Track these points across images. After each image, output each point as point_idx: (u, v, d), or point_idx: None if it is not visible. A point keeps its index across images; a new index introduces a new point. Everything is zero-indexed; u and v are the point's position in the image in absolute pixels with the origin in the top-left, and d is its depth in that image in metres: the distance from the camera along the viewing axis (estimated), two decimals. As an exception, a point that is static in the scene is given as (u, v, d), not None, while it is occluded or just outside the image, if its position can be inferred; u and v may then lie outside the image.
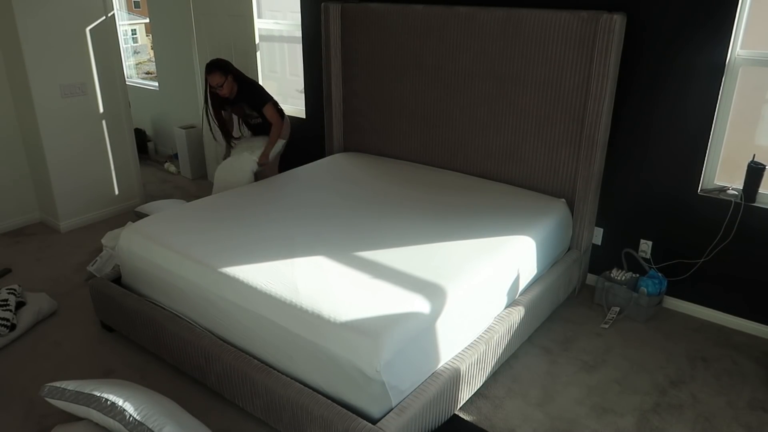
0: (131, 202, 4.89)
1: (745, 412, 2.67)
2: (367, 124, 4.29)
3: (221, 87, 3.93)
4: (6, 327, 3.06)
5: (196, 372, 2.68)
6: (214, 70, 3.91)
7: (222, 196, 3.52)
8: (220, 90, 3.95)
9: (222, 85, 3.92)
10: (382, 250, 2.75)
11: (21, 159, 4.45)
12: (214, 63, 3.94)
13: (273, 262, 2.62)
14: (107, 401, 2.13)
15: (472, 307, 2.56)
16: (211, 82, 3.93)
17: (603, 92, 3.12)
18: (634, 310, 3.35)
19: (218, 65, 3.93)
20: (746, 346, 3.15)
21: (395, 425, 2.11)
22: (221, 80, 3.91)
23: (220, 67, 3.92)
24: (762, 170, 3.01)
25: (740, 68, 3.00)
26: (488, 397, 2.73)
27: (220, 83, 3.91)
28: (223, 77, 3.91)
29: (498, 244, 2.86)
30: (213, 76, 3.91)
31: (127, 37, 12.82)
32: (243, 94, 4.06)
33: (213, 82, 3.92)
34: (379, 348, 2.10)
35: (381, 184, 3.68)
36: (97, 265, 3.70)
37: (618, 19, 2.98)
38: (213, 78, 3.91)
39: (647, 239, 3.47)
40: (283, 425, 2.35)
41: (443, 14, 3.63)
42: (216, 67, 3.92)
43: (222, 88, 3.94)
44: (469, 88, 3.67)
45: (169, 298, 2.84)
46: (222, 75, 3.91)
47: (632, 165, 3.39)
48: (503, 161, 3.68)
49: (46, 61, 4.09)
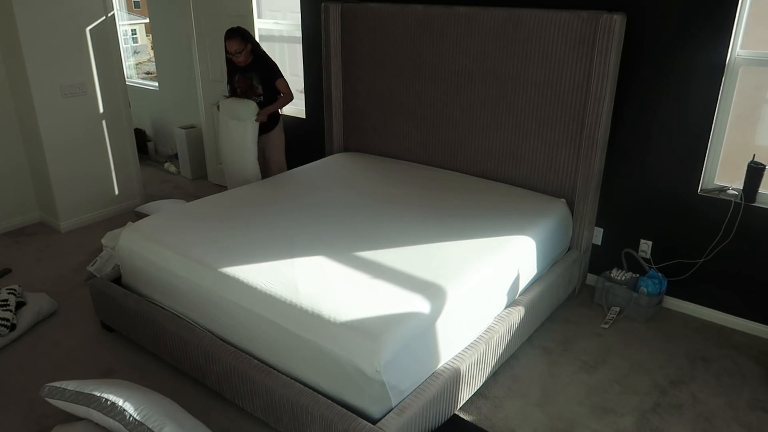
0: (131, 202, 4.89)
1: (745, 412, 2.67)
2: (367, 124, 4.29)
3: (239, 54, 3.95)
4: (6, 327, 3.06)
5: (196, 372, 2.68)
6: (235, 36, 3.94)
7: (222, 196, 3.52)
8: (236, 57, 3.97)
9: (240, 53, 3.95)
10: (382, 250, 2.75)
11: (21, 159, 4.45)
12: (236, 30, 3.97)
13: (273, 262, 2.62)
14: (107, 401, 2.13)
15: (472, 307, 2.56)
16: (229, 48, 3.96)
17: (603, 92, 3.12)
18: (634, 310, 3.35)
19: (239, 32, 3.96)
20: (746, 346, 3.15)
21: (395, 425, 2.11)
22: (240, 47, 3.94)
23: (241, 35, 3.96)
24: (762, 170, 3.01)
25: (740, 68, 3.00)
26: (488, 397, 2.73)
27: (238, 50, 3.94)
28: (242, 45, 3.94)
29: (498, 244, 2.86)
30: (232, 42, 3.93)
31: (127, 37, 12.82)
32: (257, 65, 4.08)
33: (231, 47, 3.95)
34: (379, 348, 2.10)
35: (381, 184, 3.68)
36: (97, 265, 3.70)
37: (618, 19, 2.98)
38: (231, 44, 3.94)
39: (647, 239, 3.47)
40: (283, 425, 2.35)
41: (443, 14, 3.63)
42: (237, 33, 3.95)
43: (239, 55, 3.96)
44: (469, 88, 3.67)
45: (169, 298, 2.84)
46: (241, 42, 3.94)
47: (632, 165, 3.39)
48: (503, 161, 3.68)
49: (46, 61, 4.09)
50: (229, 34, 3.96)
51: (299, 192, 3.56)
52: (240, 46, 3.94)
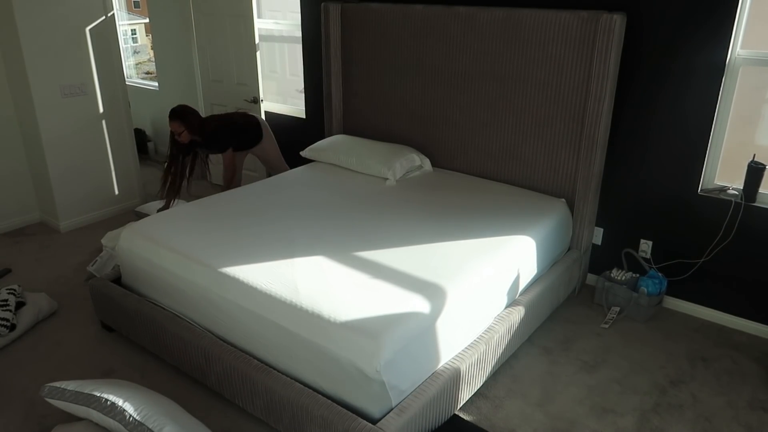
0: (131, 202, 4.89)
1: (745, 412, 2.67)
2: (367, 124, 4.29)
3: (179, 135, 3.94)
4: (6, 327, 3.06)
5: (196, 372, 2.68)
6: (174, 118, 3.91)
7: (222, 196, 3.52)
8: (179, 137, 3.96)
9: (180, 134, 3.93)
10: (382, 250, 2.75)
11: (21, 159, 4.45)
12: (176, 111, 3.92)
13: (273, 262, 2.62)
14: (107, 401, 2.13)
15: (472, 307, 2.56)
16: (171, 128, 3.94)
17: (603, 92, 3.12)
18: (634, 310, 3.35)
19: (178, 114, 3.91)
20: (746, 346, 3.15)
21: (395, 425, 2.11)
22: (180, 129, 3.91)
23: (179, 116, 3.91)
24: (762, 170, 3.01)
25: (740, 68, 3.00)
26: (488, 397, 2.73)
27: (179, 131, 3.92)
28: (182, 126, 3.90)
29: (498, 244, 2.86)
30: (173, 124, 3.91)
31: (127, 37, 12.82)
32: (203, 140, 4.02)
33: (172, 128, 3.93)
34: (379, 348, 2.10)
35: (381, 183, 3.68)
36: (97, 265, 3.70)
37: (618, 19, 2.98)
38: (173, 125, 3.92)
39: (647, 239, 3.47)
40: (283, 425, 2.35)
41: (443, 14, 3.63)
42: (176, 115, 3.91)
43: (180, 136, 3.94)
44: (469, 88, 3.67)
45: (169, 298, 2.84)
46: (181, 124, 3.90)
47: (632, 165, 3.39)
48: (503, 161, 3.68)
49: (46, 61, 4.09)
50: (170, 116, 3.92)
51: (299, 192, 3.56)
52: (180, 128, 3.91)
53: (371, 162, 3.80)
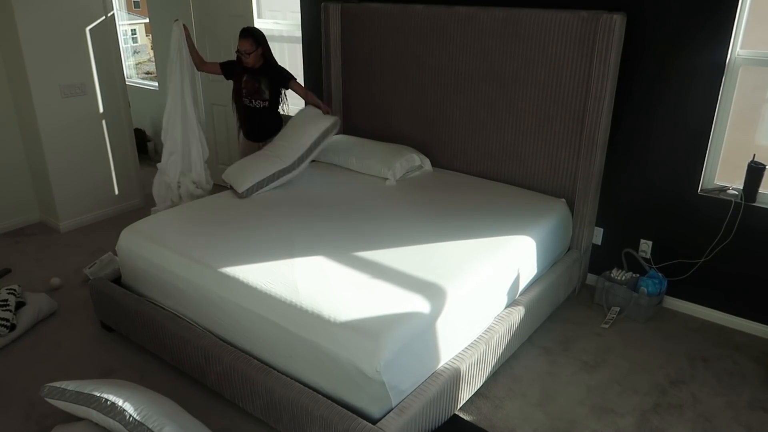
0: (131, 202, 4.89)
1: (745, 412, 2.67)
2: (367, 123, 4.29)
3: (248, 55, 3.88)
4: (6, 327, 3.06)
5: (196, 372, 2.68)
6: (248, 36, 3.87)
7: (222, 196, 3.52)
8: (246, 57, 3.89)
9: (250, 54, 3.87)
10: (382, 250, 2.75)
11: (21, 159, 4.45)
12: (250, 30, 3.91)
13: (273, 262, 2.62)
14: (107, 401, 2.13)
15: (472, 307, 2.56)
16: (240, 47, 3.88)
17: (603, 92, 3.12)
18: (634, 310, 3.35)
19: (253, 33, 3.89)
20: (746, 346, 3.15)
21: (395, 425, 2.11)
22: (251, 48, 3.86)
23: (254, 36, 3.88)
24: (762, 170, 3.01)
25: (740, 68, 3.00)
26: (488, 397, 2.73)
27: (249, 51, 3.86)
28: (253, 46, 3.86)
29: (498, 244, 2.86)
30: (244, 42, 3.86)
31: (127, 37, 12.81)
32: (266, 70, 3.99)
33: (242, 47, 3.87)
34: (379, 348, 2.10)
35: (381, 183, 3.68)
36: (95, 268, 3.68)
37: (618, 19, 2.98)
38: (243, 43, 3.86)
39: (647, 239, 3.47)
40: (283, 425, 2.35)
41: (443, 14, 3.63)
42: (250, 34, 3.88)
43: (249, 57, 3.89)
44: (469, 88, 3.67)
45: (169, 298, 2.84)
46: (253, 44, 3.86)
47: (632, 165, 3.39)
48: (503, 161, 3.68)
49: (46, 61, 4.09)
50: (242, 33, 3.88)
51: (299, 192, 3.56)
52: (251, 47, 3.86)
53: (371, 162, 3.79)
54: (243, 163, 3.68)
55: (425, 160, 3.92)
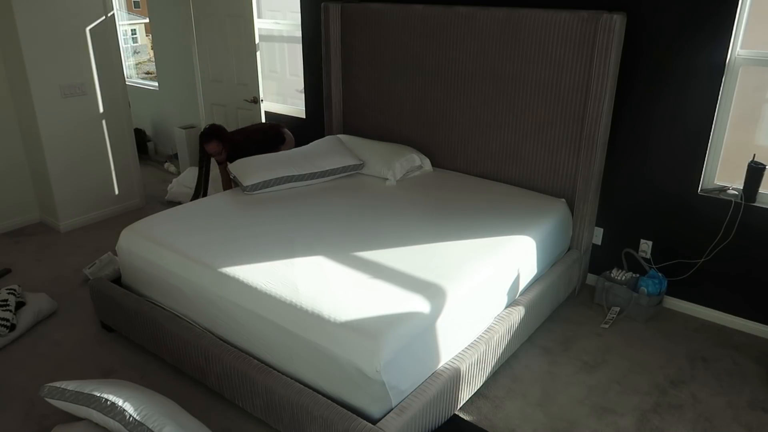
0: (131, 202, 4.89)
1: (745, 412, 2.67)
2: (367, 124, 4.29)
3: (220, 154, 4.03)
4: (6, 327, 3.06)
5: (196, 372, 2.68)
6: (212, 139, 3.97)
7: (222, 196, 3.52)
8: (218, 157, 4.05)
9: (220, 153, 4.02)
10: (382, 250, 2.75)
11: (21, 159, 4.45)
12: (211, 133, 3.99)
13: (273, 262, 2.62)
14: (107, 401, 2.13)
15: (472, 307, 2.56)
16: (209, 150, 4.01)
17: (603, 92, 3.12)
18: (634, 310, 3.35)
19: (213, 134, 3.98)
20: (746, 346, 3.15)
21: (395, 425, 2.11)
22: (219, 148, 3.99)
23: (216, 135, 3.99)
24: (762, 170, 3.01)
25: (740, 68, 3.00)
26: (488, 397, 2.73)
27: (218, 151, 4.00)
28: (219, 146, 3.99)
29: (498, 244, 2.86)
30: (210, 146, 3.98)
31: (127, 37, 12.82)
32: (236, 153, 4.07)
33: (210, 150, 4.00)
34: (379, 348, 2.10)
35: (381, 183, 3.68)
36: (94, 268, 3.69)
37: (618, 19, 2.98)
38: (210, 147, 3.99)
39: (647, 239, 3.47)
40: (283, 425, 2.35)
41: (443, 14, 3.63)
42: (213, 136, 3.98)
43: (221, 155, 4.04)
44: (469, 88, 3.67)
45: (169, 298, 2.84)
46: (218, 143, 3.98)
47: (632, 165, 3.39)
48: (503, 161, 3.68)
49: (46, 61, 4.09)
50: (203, 138, 3.97)
51: (299, 192, 3.56)
52: (218, 147, 3.98)
53: (371, 162, 3.79)
54: (253, 160, 3.71)
55: (425, 160, 3.92)
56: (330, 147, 3.91)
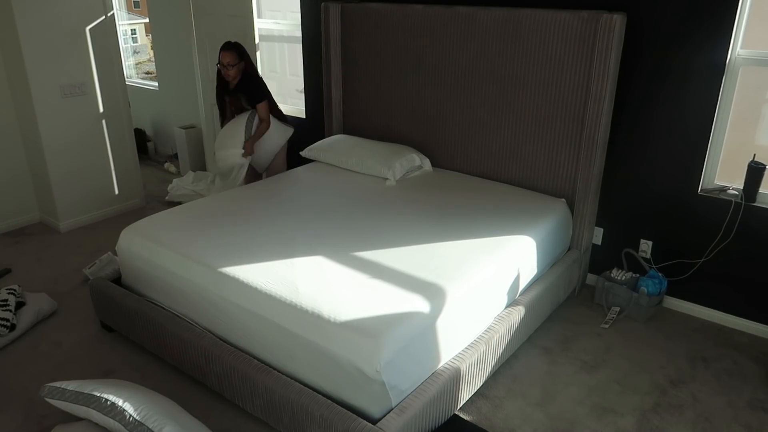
0: (131, 202, 4.89)
1: (746, 412, 2.67)
2: (367, 124, 4.29)
3: (231, 67, 3.98)
4: (6, 327, 3.06)
5: (196, 372, 2.68)
6: (231, 49, 3.98)
7: (222, 196, 3.52)
8: (228, 69, 4.00)
9: (232, 66, 3.98)
10: (382, 250, 2.75)
11: (21, 159, 4.45)
12: (233, 43, 4.02)
13: (273, 262, 2.62)
14: (107, 401, 2.13)
15: (472, 307, 2.56)
16: (223, 59, 3.98)
17: (603, 92, 3.12)
18: (634, 310, 3.35)
19: (236, 46, 4.01)
20: (746, 346, 3.15)
21: (395, 425, 2.11)
22: (233, 60, 3.97)
23: (237, 49, 4.00)
24: (762, 170, 3.01)
25: (740, 68, 3.00)
26: (488, 397, 2.73)
27: (231, 62, 3.97)
28: (236, 59, 3.98)
29: (498, 244, 2.86)
30: (226, 54, 3.96)
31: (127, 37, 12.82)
32: (244, 86, 4.11)
33: (225, 59, 3.97)
34: (379, 348, 2.10)
35: (381, 183, 3.68)
36: (94, 268, 3.69)
37: (618, 19, 2.98)
38: (226, 55, 3.97)
39: (647, 239, 3.47)
40: (283, 425, 2.35)
41: (443, 14, 3.63)
42: (233, 47, 4.00)
43: (230, 69, 3.99)
44: (469, 88, 3.67)
45: (169, 298, 2.84)
46: (236, 56, 3.98)
47: (632, 165, 3.39)
48: (503, 161, 3.68)
49: (46, 61, 4.09)
50: (225, 45, 4.00)
51: (299, 192, 3.56)
52: (233, 60, 3.98)
53: (371, 162, 3.79)
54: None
55: (425, 160, 3.92)
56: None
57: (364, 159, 3.84)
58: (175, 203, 4.82)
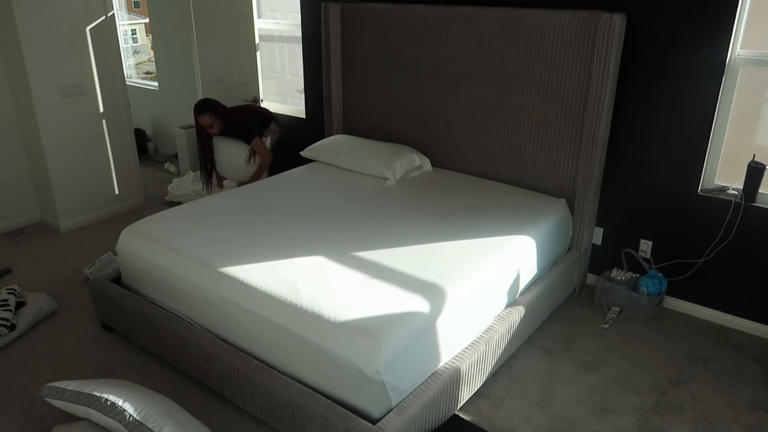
0: (131, 202, 4.89)
1: (745, 412, 2.67)
2: (367, 124, 4.29)
3: (211, 126, 4.08)
4: (6, 327, 3.06)
5: (196, 372, 2.68)
6: (204, 110, 4.05)
7: (222, 196, 3.52)
8: (211, 129, 4.10)
9: (211, 125, 4.07)
10: (382, 250, 2.75)
11: (21, 159, 4.45)
12: (204, 104, 4.07)
13: (273, 262, 2.62)
14: (107, 401, 2.13)
15: (472, 307, 2.56)
16: (201, 122, 4.08)
17: (603, 92, 3.12)
18: (634, 310, 3.35)
19: (208, 106, 4.06)
20: (746, 346, 3.15)
21: (395, 425, 2.11)
22: (211, 120, 4.06)
23: (208, 107, 4.06)
24: (762, 170, 3.01)
25: (740, 68, 3.00)
26: (488, 397, 2.73)
27: (210, 123, 4.06)
28: (212, 117, 4.06)
29: (498, 244, 2.86)
30: (203, 117, 4.05)
31: (127, 37, 12.81)
32: (229, 131, 4.19)
33: (203, 122, 4.07)
34: (379, 348, 2.10)
35: (381, 183, 3.68)
36: (94, 268, 3.69)
37: (618, 19, 2.98)
38: (203, 119, 4.06)
39: (647, 239, 3.47)
40: (283, 425, 2.35)
41: (443, 14, 3.63)
42: (206, 108, 4.05)
43: (212, 128, 4.09)
44: (469, 88, 3.67)
45: (169, 298, 2.84)
46: (211, 115, 4.06)
47: (632, 165, 3.39)
48: (503, 161, 3.68)
49: (46, 61, 4.09)
50: (197, 110, 4.05)
51: (299, 192, 3.56)
52: (211, 119, 4.05)
53: (371, 162, 3.79)
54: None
55: (425, 160, 3.92)
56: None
57: (364, 159, 3.84)
58: (175, 203, 4.83)
